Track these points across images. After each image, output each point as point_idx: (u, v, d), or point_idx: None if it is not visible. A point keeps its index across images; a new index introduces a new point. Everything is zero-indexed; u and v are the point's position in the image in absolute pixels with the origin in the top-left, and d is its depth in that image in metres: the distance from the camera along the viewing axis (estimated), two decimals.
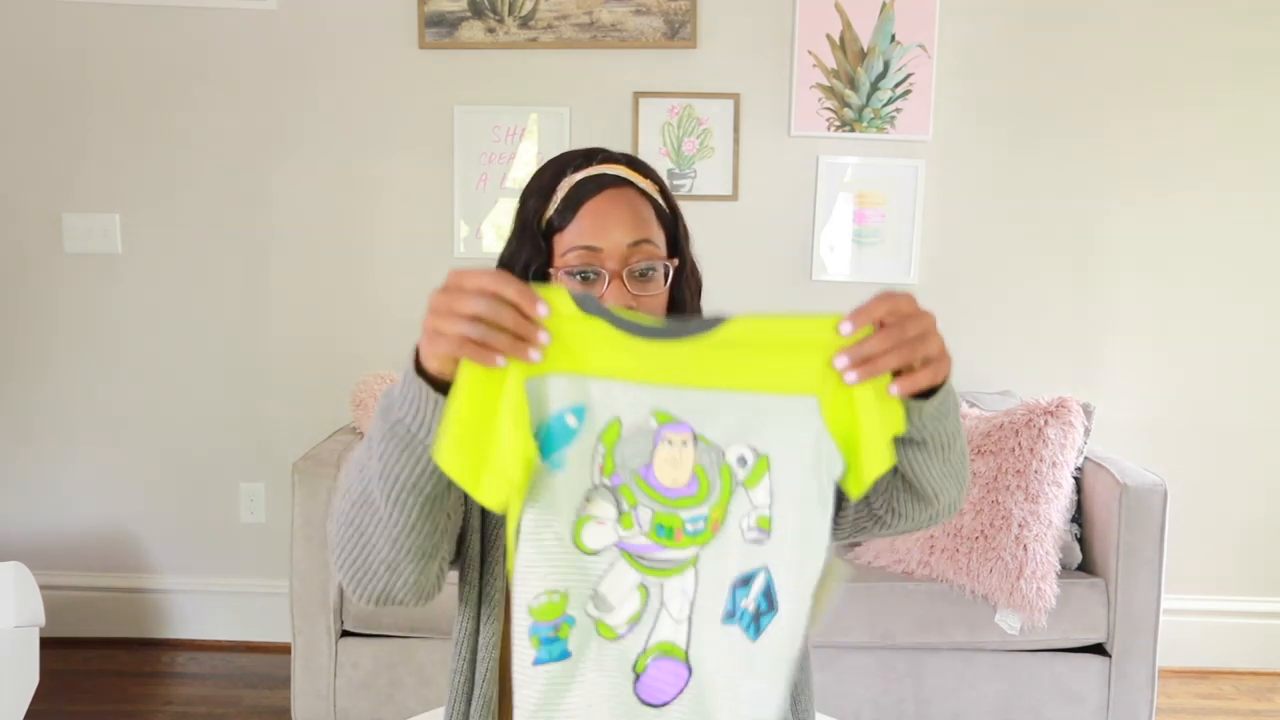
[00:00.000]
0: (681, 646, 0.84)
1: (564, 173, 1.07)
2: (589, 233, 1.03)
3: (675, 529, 0.83)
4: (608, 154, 1.09)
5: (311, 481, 2.29)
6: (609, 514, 0.83)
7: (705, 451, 0.83)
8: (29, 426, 3.00)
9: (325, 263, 2.93)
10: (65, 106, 2.89)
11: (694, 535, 0.83)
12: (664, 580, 0.84)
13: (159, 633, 3.04)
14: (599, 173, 1.06)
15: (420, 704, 2.32)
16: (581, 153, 1.10)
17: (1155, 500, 2.25)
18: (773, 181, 2.88)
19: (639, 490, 0.83)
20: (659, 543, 0.83)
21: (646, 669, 0.84)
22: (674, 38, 2.82)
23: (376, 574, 0.94)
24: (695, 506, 0.83)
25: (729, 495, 0.83)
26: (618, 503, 0.83)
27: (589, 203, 1.04)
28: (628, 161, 1.09)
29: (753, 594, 0.83)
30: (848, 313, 0.84)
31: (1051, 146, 2.85)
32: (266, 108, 2.89)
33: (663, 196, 1.10)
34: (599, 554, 0.83)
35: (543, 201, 1.07)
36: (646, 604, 0.84)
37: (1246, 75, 2.81)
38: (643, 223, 1.05)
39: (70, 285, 2.94)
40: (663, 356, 0.83)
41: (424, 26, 2.83)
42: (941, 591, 2.31)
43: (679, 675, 0.84)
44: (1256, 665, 2.94)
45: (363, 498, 0.92)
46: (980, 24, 2.82)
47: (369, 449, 0.91)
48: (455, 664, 1.07)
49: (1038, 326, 2.90)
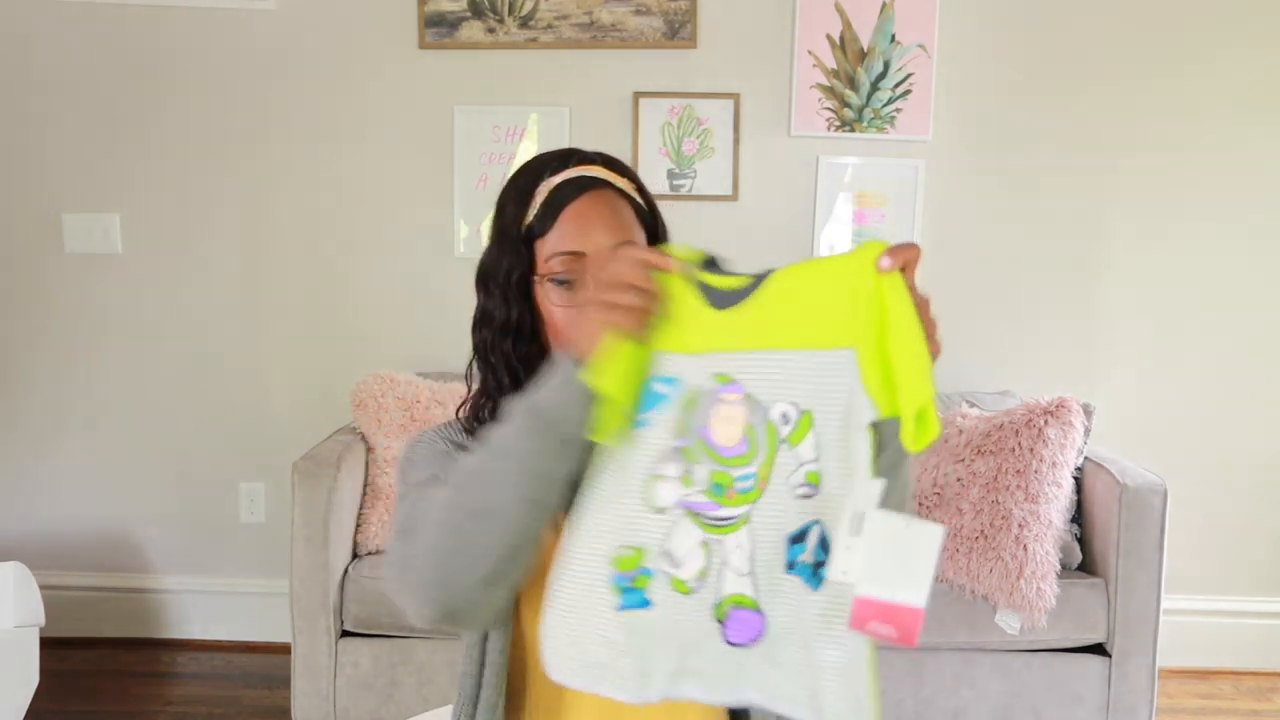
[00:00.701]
0: (751, 597, 0.87)
1: (541, 176, 1.05)
2: (571, 238, 1.02)
3: (727, 487, 0.87)
4: (583, 155, 1.08)
5: (311, 481, 2.29)
6: (673, 472, 0.88)
7: (754, 410, 0.87)
8: (29, 426, 3.00)
9: (325, 262, 2.93)
10: (65, 106, 2.89)
11: (744, 493, 0.87)
12: (722, 537, 0.87)
13: (159, 633, 3.04)
14: (577, 175, 1.04)
15: (420, 704, 2.32)
16: (557, 155, 1.08)
17: (1155, 500, 2.25)
18: (773, 181, 2.88)
19: (699, 450, 0.87)
20: (714, 500, 0.87)
21: (727, 615, 0.88)
22: (674, 38, 2.82)
23: (468, 585, 0.92)
24: (745, 465, 0.87)
25: (774, 452, 0.87)
26: (681, 462, 0.88)
27: (569, 207, 1.03)
28: (604, 161, 1.08)
29: (809, 547, 0.86)
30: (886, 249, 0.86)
31: (1051, 146, 2.85)
32: (266, 107, 2.89)
33: (640, 195, 1.09)
34: (665, 512, 0.88)
35: (521, 207, 1.05)
36: (710, 559, 0.88)
37: (1247, 75, 2.81)
38: (624, 224, 1.04)
39: (70, 285, 2.94)
40: (725, 324, 0.88)
41: (424, 26, 2.83)
42: (941, 591, 2.31)
43: (756, 622, 0.87)
44: (1256, 665, 2.94)
45: (480, 509, 0.91)
46: (980, 24, 2.82)
47: (496, 456, 0.91)
48: (465, 667, 1.07)
49: (1038, 326, 2.90)
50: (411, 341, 2.85)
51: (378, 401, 2.55)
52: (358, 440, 2.52)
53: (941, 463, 2.44)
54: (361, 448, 2.52)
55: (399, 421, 2.53)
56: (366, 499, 2.49)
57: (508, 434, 0.91)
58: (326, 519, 2.28)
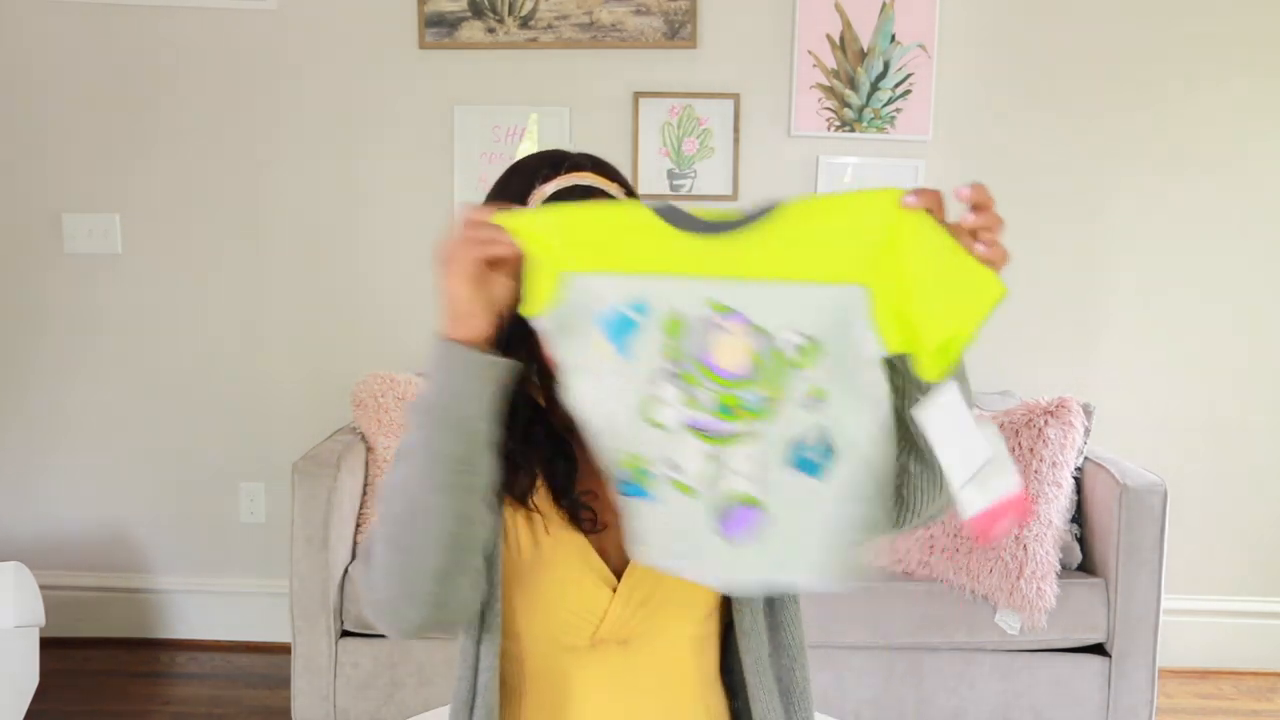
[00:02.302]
0: (758, 497, 0.90)
1: (533, 183, 1.04)
2: None
3: (735, 407, 0.89)
4: (573, 160, 1.06)
5: (311, 481, 2.29)
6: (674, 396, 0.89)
7: (760, 338, 0.88)
8: (29, 426, 3.00)
9: (325, 262, 2.93)
10: (66, 106, 2.89)
11: (754, 410, 0.89)
12: (730, 448, 0.89)
13: (159, 633, 3.04)
14: (570, 185, 1.03)
15: (420, 704, 2.32)
16: (547, 159, 1.07)
17: (1155, 500, 2.25)
18: (773, 181, 2.88)
19: (701, 375, 0.89)
20: (722, 419, 0.89)
21: (728, 512, 0.90)
22: (674, 38, 2.82)
23: (426, 589, 0.93)
24: (752, 389, 0.88)
25: (784, 375, 0.88)
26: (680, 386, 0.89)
27: None
28: (594, 166, 1.06)
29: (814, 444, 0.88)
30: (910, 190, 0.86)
31: (1051, 146, 2.85)
32: (266, 108, 2.89)
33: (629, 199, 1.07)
34: (667, 428, 0.90)
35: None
36: (717, 467, 0.90)
37: (1248, 76, 2.81)
38: None
39: (70, 285, 2.94)
40: (715, 250, 0.88)
41: (424, 26, 2.83)
42: (941, 591, 2.31)
43: (757, 519, 0.90)
44: (1256, 665, 2.94)
45: (407, 512, 0.93)
46: (980, 24, 2.82)
47: (405, 461, 0.94)
48: (461, 670, 1.07)
49: (1038, 326, 2.90)
50: (411, 341, 2.83)
51: (378, 401, 2.55)
52: (358, 440, 2.52)
53: None
54: (361, 448, 2.52)
55: (399, 421, 2.53)
56: (366, 499, 2.49)
57: (407, 435, 0.94)
58: (326, 519, 2.28)
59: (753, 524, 0.90)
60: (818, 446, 0.88)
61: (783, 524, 0.90)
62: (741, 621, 1.07)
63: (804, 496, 0.89)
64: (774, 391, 0.88)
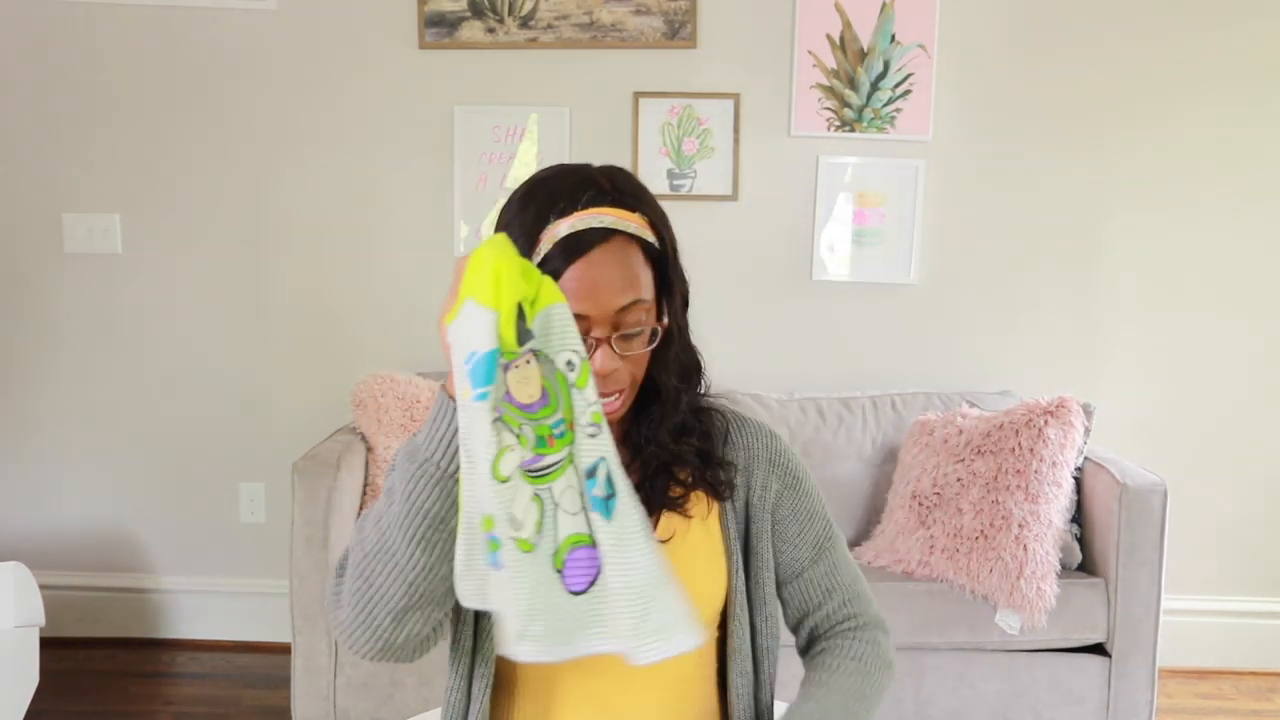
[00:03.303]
0: (587, 534, 0.90)
1: (548, 217, 0.98)
2: (576, 298, 0.95)
3: (548, 437, 0.89)
4: (595, 192, 0.99)
5: (311, 481, 2.29)
6: (510, 441, 0.89)
7: (544, 363, 0.89)
8: (29, 426, 3.00)
9: (325, 262, 2.93)
10: (65, 107, 2.89)
11: (561, 438, 0.89)
12: (551, 485, 0.90)
13: (159, 633, 3.04)
14: (585, 227, 0.97)
15: (420, 704, 2.32)
16: (567, 187, 0.99)
17: (1155, 500, 2.25)
18: (773, 181, 2.88)
19: (514, 413, 0.89)
20: (541, 452, 0.89)
21: (565, 562, 0.90)
22: (674, 38, 2.82)
23: (382, 625, 0.96)
24: (552, 415, 0.89)
25: (569, 396, 0.89)
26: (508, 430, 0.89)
27: (576, 264, 0.96)
28: (615, 197, 1.00)
29: (600, 481, 0.89)
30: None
31: (1051, 146, 2.85)
32: (266, 108, 2.89)
33: (653, 229, 1.02)
34: (509, 480, 0.89)
35: (526, 245, 0.97)
36: (544, 510, 0.90)
37: (1248, 76, 2.81)
38: (632, 281, 0.98)
39: (70, 285, 2.94)
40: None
41: (424, 26, 2.83)
42: (941, 591, 2.31)
43: (593, 559, 0.90)
44: (1256, 665, 2.94)
45: (377, 549, 0.94)
46: (980, 24, 2.82)
47: (389, 499, 0.94)
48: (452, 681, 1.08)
49: (1038, 326, 2.90)
50: (412, 341, 2.85)
51: (378, 401, 2.55)
52: (358, 440, 2.52)
53: (942, 463, 2.44)
54: (361, 448, 2.52)
55: (399, 421, 2.53)
56: (366, 499, 2.49)
57: (394, 477, 0.94)
58: (326, 519, 2.28)
59: (589, 567, 0.90)
60: (604, 482, 0.89)
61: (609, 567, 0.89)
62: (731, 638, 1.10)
63: (606, 539, 0.89)
64: (568, 414, 0.89)
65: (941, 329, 2.88)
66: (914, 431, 2.57)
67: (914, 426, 2.59)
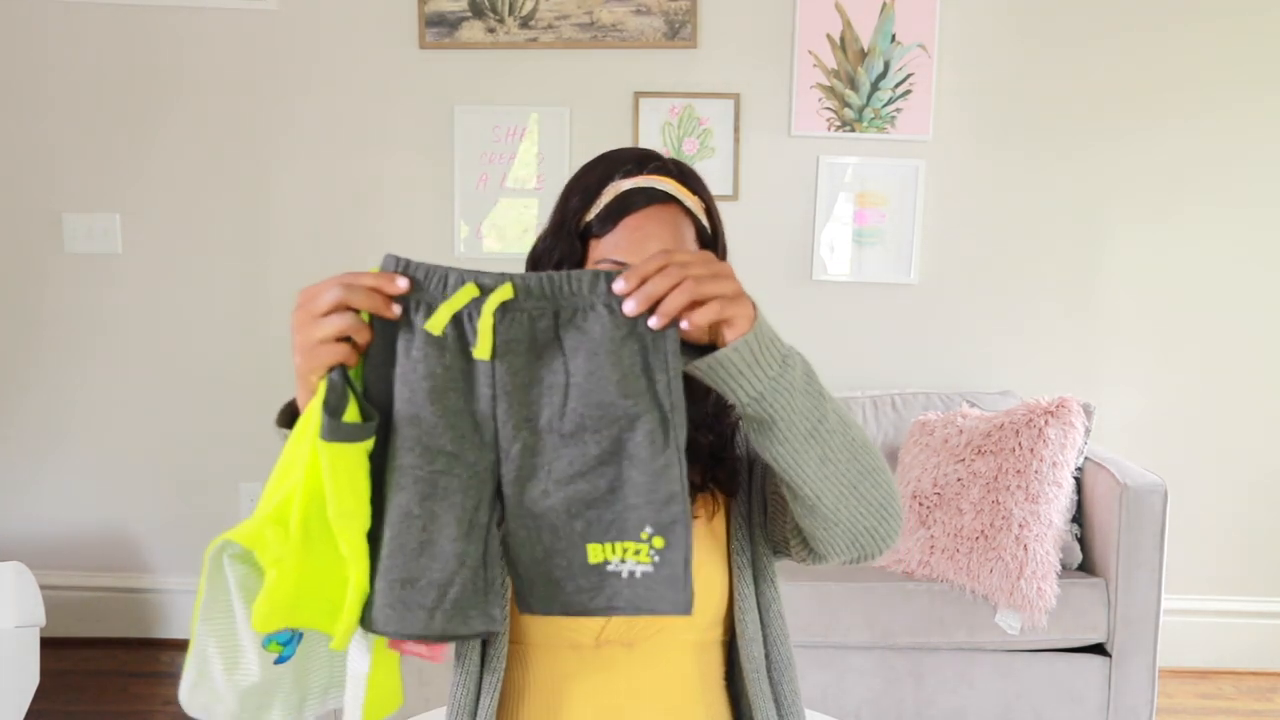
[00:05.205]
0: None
1: (612, 176, 1.04)
2: (625, 248, 1.00)
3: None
4: (660, 162, 1.05)
5: None
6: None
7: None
8: (29, 426, 3.00)
9: (325, 263, 2.92)
10: (65, 106, 2.89)
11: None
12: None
13: (159, 633, 3.04)
14: (647, 185, 1.02)
15: (420, 704, 2.31)
16: (634, 156, 1.06)
17: (1155, 500, 2.25)
18: (773, 181, 2.88)
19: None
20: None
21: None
22: (674, 38, 2.82)
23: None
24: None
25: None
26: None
27: (631, 217, 1.01)
28: (678, 174, 1.05)
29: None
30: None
31: (1051, 146, 2.85)
32: (266, 108, 2.89)
33: (708, 215, 1.06)
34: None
35: (585, 203, 1.04)
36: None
37: (1248, 76, 2.81)
38: (680, 244, 1.02)
39: (70, 285, 2.94)
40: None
41: (424, 26, 2.83)
42: (941, 591, 2.31)
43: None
44: (1256, 665, 2.94)
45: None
46: (980, 24, 2.82)
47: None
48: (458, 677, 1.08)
49: (1038, 326, 2.90)
50: None
51: None
52: None
53: (942, 463, 2.44)
54: None
55: None
56: None
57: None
58: None
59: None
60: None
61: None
62: (745, 630, 1.08)
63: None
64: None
65: (941, 329, 2.88)
66: (914, 431, 2.57)
67: (914, 426, 2.59)
